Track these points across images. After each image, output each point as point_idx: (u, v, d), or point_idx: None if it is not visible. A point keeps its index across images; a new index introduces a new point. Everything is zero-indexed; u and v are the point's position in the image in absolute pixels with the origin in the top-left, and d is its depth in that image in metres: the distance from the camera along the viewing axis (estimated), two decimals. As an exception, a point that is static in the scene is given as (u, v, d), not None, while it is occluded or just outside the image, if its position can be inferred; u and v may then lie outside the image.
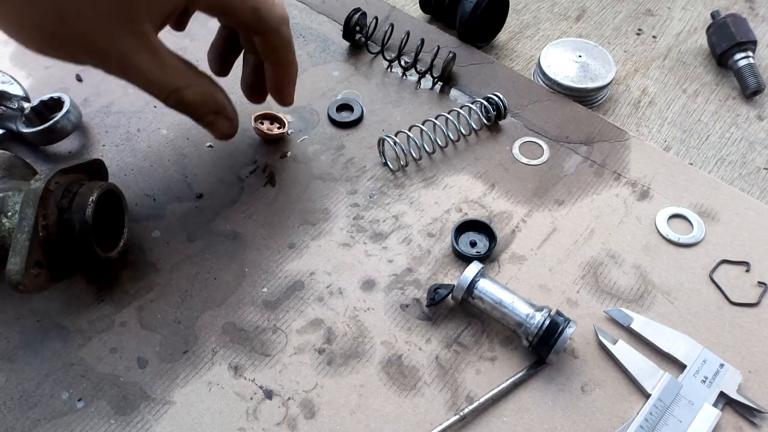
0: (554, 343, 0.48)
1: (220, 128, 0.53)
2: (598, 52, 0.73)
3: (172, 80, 0.47)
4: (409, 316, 0.54)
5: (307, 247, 0.58)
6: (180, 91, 0.47)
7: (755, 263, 0.57)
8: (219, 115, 0.52)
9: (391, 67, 0.74)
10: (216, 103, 0.51)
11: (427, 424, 0.48)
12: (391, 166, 0.64)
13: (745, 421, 0.48)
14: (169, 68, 0.47)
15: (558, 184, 0.63)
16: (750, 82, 0.72)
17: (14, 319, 0.52)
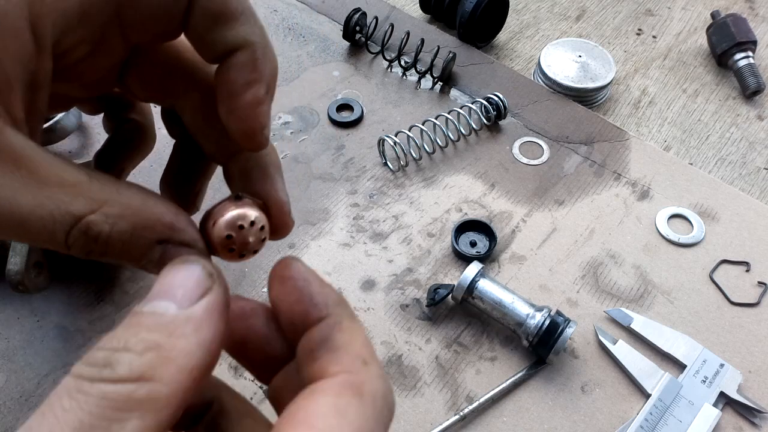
0: (554, 343, 0.48)
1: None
2: (598, 52, 0.73)
3: (63, 205, 0.24)
4: (409, 316, 0.54)
5: (307, 247, 0.58)
6: (85, 219, 0.24)
7: (755, 263, 0.57)
8: (170, 245, 0.26)
9: (391, 67, 0.74)
10: (159, 225, 0.26)
11: (427, 424, 0.48)
12: (391, 166, 0.64)
13: (745, 421, 0.48)
14: (52, 185, 0.24)
15: (558, 184, 0.63)
16: (750, 82, 0.72)
17: (14, 319, 0.52)
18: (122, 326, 0.21)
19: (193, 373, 0.21)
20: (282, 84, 0.71)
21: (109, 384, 0.19)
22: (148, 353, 0.20)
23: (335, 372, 0.21)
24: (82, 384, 0.19)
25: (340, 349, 0.22)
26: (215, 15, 0.26)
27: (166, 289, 0.22)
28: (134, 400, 0.19)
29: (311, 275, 0.25)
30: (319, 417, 0.20)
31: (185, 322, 0.21)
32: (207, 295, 0.22)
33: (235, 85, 0.27)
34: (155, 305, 0.22)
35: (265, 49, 0.27)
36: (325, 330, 0.23)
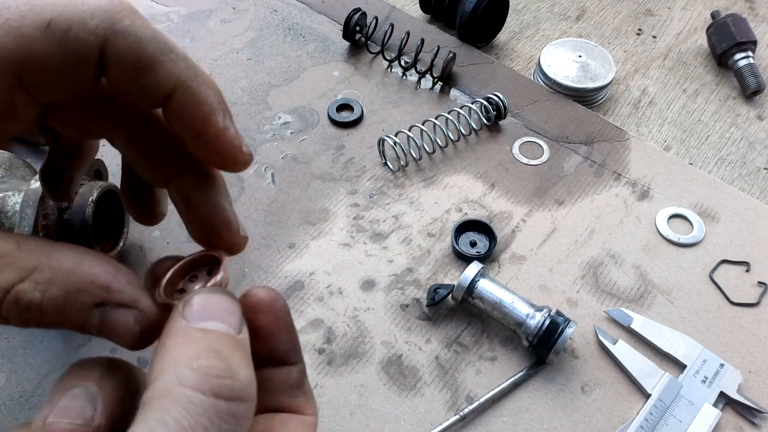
0: (554, 343, 0.48)
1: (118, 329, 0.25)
2: (598, 52, 0.73)
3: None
4: (409, 316, 0.54)
5: (307, 247, 0.58)
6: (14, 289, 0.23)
7: (755, 263, 0.57)
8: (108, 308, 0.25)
9: (391, 67, 0.74)
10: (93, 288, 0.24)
11: (427, 424, 0.48)
12: (391, 166, 0.64)
13: (745, 421, 0.48)
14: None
15: (558, 184, 0.63)
16: (750, 82, 0.72)
17: (14, 319, 0.52)
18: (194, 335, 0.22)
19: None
20: (282, 84, 0.71)
21: (241, 405, 0.21)
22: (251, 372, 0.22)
23: (311, 413, 0.29)
24: (219, 406, 0.20)
25: (310, 397, 0.29)
26: (133, 66, 0.24)
27: (217, 311, 0.24)
28: (249, 418, 0.21)
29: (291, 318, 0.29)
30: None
31: (245, 346, 0.23)
32: (244, 325, 0.24)
33: (193, 128, 0.26)
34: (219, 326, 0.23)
35: (198, 78, 0.26)
36: (299, 375, 0.29)
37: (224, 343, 0.22)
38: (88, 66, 0.24)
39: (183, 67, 0.25)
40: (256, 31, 0.77)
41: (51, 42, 0.23)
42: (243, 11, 0.79)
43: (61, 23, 0.23)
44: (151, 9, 0.79)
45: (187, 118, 0.25)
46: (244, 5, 0.80)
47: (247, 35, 0.77)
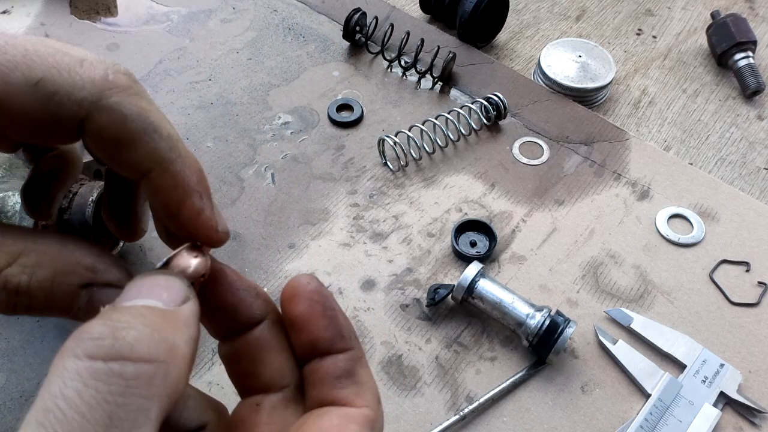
0: (554, 343, 0.48)
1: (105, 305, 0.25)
2: (598, 52, 0.73)
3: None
4: (409, 316, 0.54)
5: (307, 247, 0.58)
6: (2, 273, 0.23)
7: (755, 263, 0.57)
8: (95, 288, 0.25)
9: (391, 67, 0.74)
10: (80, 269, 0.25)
11: (427, 424, 0.48)
12: (391, 166, 0.64)
13: (745, 421, 0.48)
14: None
15: (558, 184, 0.63)
16: (750, 82, 0.72)
17: (14, 319, 0.52)
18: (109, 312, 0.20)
19: (190, 363, 0.21)
20: (282, 84, 0.71)
21: (128, 363, 0.18)
22: (156, 334, 0.19)
23: (361, 405, 0.26)
24: (95, 366, 0.18)
25: (363, 385, 0.26)
26: (113, 141, 0.24)
27: (148, 291, 0.22)
28: (155, 384, 0.18)
29: (335, 302, 0.27)
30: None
31: (177, 316, 0.21)
32: (188, 301, 0.22)
33: (168, 208, 0.25)
34: (141, 301, 0.21)
35: (178, 160, 0.25)
36: (351, 363, 0.26)
37: (127, 312, 0.20)
38: (66, 131, 0.24)
39: (164, 147, 0.25)
40: (256, 31, 0.77)
41: (35, 100, 0.22)
42: (243, 11, 0.79)
43: (48, 85, 0.22)
44: (151, 9, 0.79)
45: (162, 197, 0.25)
46: (244, 5, 0.80)
47: (247, 35, 0.77)
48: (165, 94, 0.69)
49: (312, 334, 0.26)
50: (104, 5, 0.77)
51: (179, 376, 0.19)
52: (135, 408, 0.18)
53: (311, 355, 0.27)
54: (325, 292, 0.27)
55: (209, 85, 0.71)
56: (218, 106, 0.69)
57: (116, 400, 0.17)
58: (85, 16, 0.77)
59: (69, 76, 0.23)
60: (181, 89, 0.70)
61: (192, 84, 0.71)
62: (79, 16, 0.77)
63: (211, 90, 0.70)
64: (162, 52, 0.74)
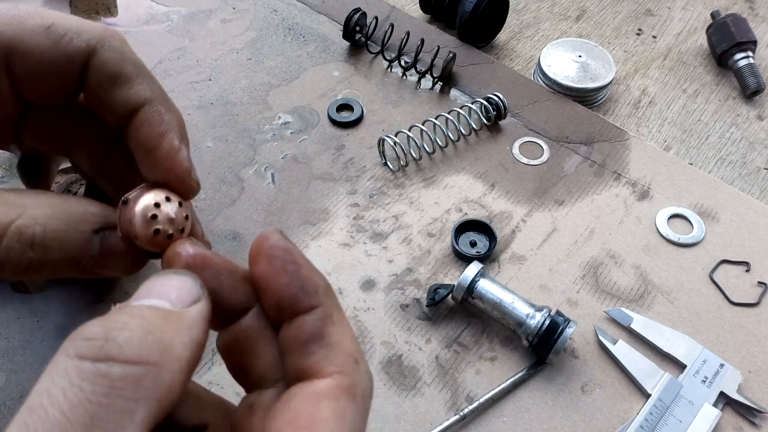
0: (554, 343, 0.48)
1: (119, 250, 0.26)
2: (598, 52, 0.73)
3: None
4: (409, 316, 0.54)
5: (307, 247, 0.58)
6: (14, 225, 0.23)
7: (755, 263, 0.57)
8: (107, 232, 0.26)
9: (391, 67, 0.74)
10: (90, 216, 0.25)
11: (427, 424, 0.48)
12: (391, 166, 0.64)
13: (745, 421, 0.48)
14: None
15: (558, 184, 0.63)
16: (750, 82, 0.72)
17: (14, 319, 0.52)
18: (111, 312, 0.20)
19: (189, 366, 0.20)
20: (282, 84, 0.71)
21: (115, 365, 0.18)
22: (150, 336, 0.19)
23: (331, 372, 0.22)
24: (83, 366, 0.18)
25: (333, 347, 0.23)
26: (112, 77, 0.27)
27: (158, 290, 0.22)
28: (141, 387, 0.18)
29: (299, 256, 0.24)
30: (321, 423, 0.21)
31: (181, 318, 0.21)
32: (198, 302, 0.22)
33: (149, 141, 0.27)
34: (148, 301, 0.21)
35: (166, 102, 0.28)
36: (318, 323, 0.23)
37: (128, 312, 0.20)
38: (73, 69, 0.27)
39: (156, 89, 0.28)
40: (256, 31, 0.77)
41: (47, 41, 0.26)
42: (243, 11, 0.79)
43: (59, 28, 0.26)
44: (151, 9, 0.79)
45: (145, 131, 0.27)
46: (244, 5, 0.80)
47: (247, 35, 0.77)
48: (165, 94, 0.69)
49: (275, 295, 0.24)
50: (104, 5, 0.77)
51: (173, 380, 0.19)
52: (118, 410, 0.17)
53: (280, 319, 0.24)
54: (288, 245, 0.24)
55: (209, 85, 0.71)
56: (218, 106, 0.69)
57: (99, 401, 0.17)
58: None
59: (77, 22, 0.26)
60: (181, 89, 0.70)
61: (192, 84, 0.71)
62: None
63: (211, 90, 0.70)
64: (162, 52, 0.74)
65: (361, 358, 0.24)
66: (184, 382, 0.20)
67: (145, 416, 0.18)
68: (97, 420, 0.17)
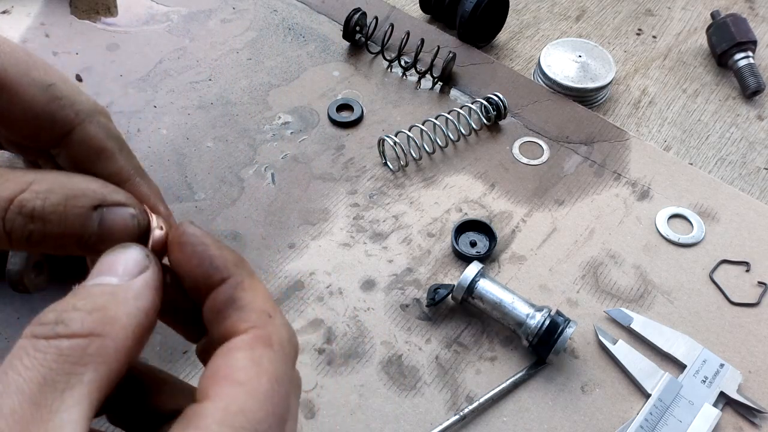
0: (554, 343, 0.48)
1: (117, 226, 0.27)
2: (598, 52, 0.73)
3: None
4: (409, 316, 0.54)
5: (307, 247, 0.58)
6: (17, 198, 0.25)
7: (755, 263, 0.57)
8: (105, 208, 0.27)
9: (391, 67, 0.74)
10: (89, 191, 0.26)
11: (427, 424, 0.48)
12: (391, 166, 0.64)
13: (745, 421, 0.48)
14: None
15: (558, 184, 0.63)
16: (750, 82, 0.72)
17: (14, 319, 0.52)
18: (68, 296, 0.23)
19: (135, 332, 0.23)
20: (282, 84, 0.71)
21: (63, 340, 0.21)
22: (95, 313, 0.22)
23: (245, 328, 0.25)
24: (38, 343, 0.21)
25: (245, 307, 0.25)
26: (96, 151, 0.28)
27: (107, 267, 0.25)
28: (88, 354, 0.21)
29: (208, 238, 0.27)
30: (238, 370, 0.23)
31: (126, 290, 0.24)
32: (145, 271, 0.25)
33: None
34: (98, 280, 0.24)
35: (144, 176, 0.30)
36: (229, 290, 0.26)
37: (79, 295, 0.23)
38: (54, 132, 0.28)
39: (135, 164, 0.30)
40: (256, 31, 0.77)
41: (42, 97, 0.27)
42: (243, 11, 0.79)
43: (57, 91, 0.27)
44: (151, 9, 0.79)
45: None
46: (244, 5, 0.80)
47: (247, 35, 0.77)
48: (165, 94, 0.69)
49: (191, 276, 0.26)
50: (104, 5, 0.77)
51: (118, 346, 0.22)
52: (67, 372, 0.21)
53: (201, 299, 0.26)
54: (196, 231, 0.27)
55: (209, 85, 0.71)
56: (218, 106, 0.69)
57: (50, 365, 0.21)
58: (85, 16, 0.77)
59: (73, 91, 0.28)
60: (181, 89, 0.70)
61: (192, 84, 0.71)
62: (79, 16, 0.77)
63: (211, 90, 0.70)
64: (162, 52, 0.74)
65: (275, 313, 0.26)
66: (133, 347, 0.23)
67: (94, 377, 0.21)
68: (49, 379, 0.21)
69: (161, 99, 0.69)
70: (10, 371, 0.21)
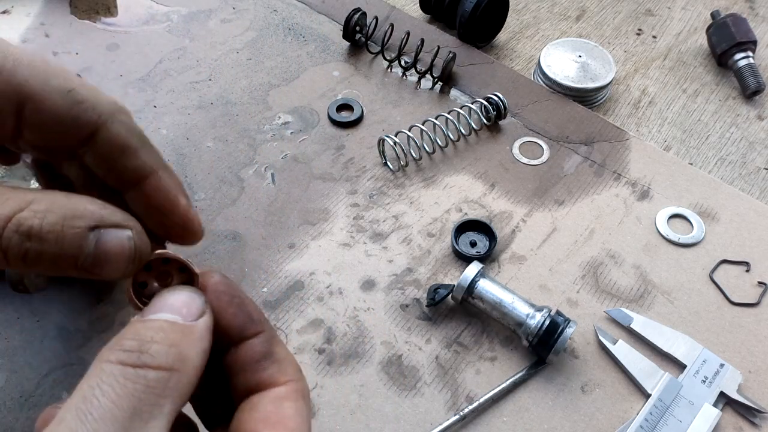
0: (554, 343, 0.48)
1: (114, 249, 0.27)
2: (598, 52, 0.73)
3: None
4: (409, 316, 0.54)
5: (307, 247, 0.58)
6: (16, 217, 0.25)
7: (755, 263, 0.57)
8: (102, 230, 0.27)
9: (391, 67, 0.74)
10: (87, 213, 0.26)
11: (427, 424, 0.48)
12: (391, 166, 0.64)
13: (745, 421, 0.48)
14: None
15: (558, 184, 0.63)
16: (750, 82, 0.72)
17: (14, 319, 0.52)
18: (135, 326, 0.25)
19: (199, 372, 0.25)
20: (282, 84, 0.71)
21: (150, 371, 0.23)
22: (173, 348, 0.24)
23: (286, 380, 0.28)
24: (126, 371, 0.23)
25: (283, 361, 0.28)
26: (121, 149, 0.29)
27: (170, 305, 0.26)
28: (168, 387, 0.23)
29: (242, 292, 0.29)
30: (289, 419, 0.26)
31: (194, 331, 0.26)
32: (204, 315, 0.27)
33: (164, 206, 0.30)
34: (162, 315, 0.26)
35: (167, 168, 0.31)
36: (266, 344, 0.28)
37: (152, 326, 0.25)
38: (79, 134, 0.28)
39: (158, 158, 0.30)
40: (256, 31, 0.77)
41: (64, 102, 0.28)
42: (243, 11, 0.79)
43: (78, 95, 0.28)
44: (151, 9, 0.79)
45: (159, 198, 0.30)
46: (244, 5, 0.80)
47: (247, 35, 0.77)
48: (165, 94, 0.69)
49: (223, 324, 0.28)
50: (104, 5, 0.77)
51: (189, 381, 0.24)
52: (152, 402, 0.23)
53: (226, 345, 0.28)
54: (229, 281, 0.29)
55: (209, 85, 0.71)
56: (218, 106, 0.69)
57: (139, 396, 0.23)
58: (85, 16, 0.77)
59: (94, 93, 0.29)
60: (181, 89, 0.70)
61: (192, 84, 0.71)
62: (79, 16, 0.77)
63: (211, 90, 0.70)
64: (162, 52, 0.74)
65: (300, 367, 0.29)
66: (196, 383, 0.25)
67: (170, 408, 0.23)
68: (137, 409, 0.22)
69: (161, 99, 0.69)
70: (101, 397, 0.22)
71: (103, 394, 0.22)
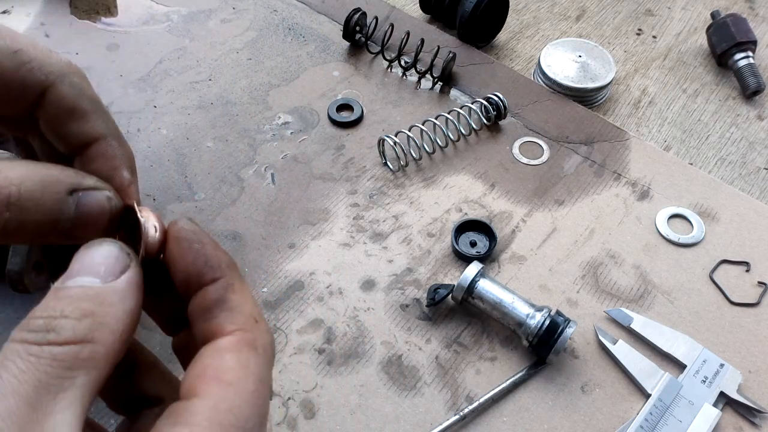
0: (554, 343, 0.48)
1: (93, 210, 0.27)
2: (598, 52, 0.73)
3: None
4: (409, 316, 0.54)
5: (307, 247, 0.58)
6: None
7: (755, 263, 0.57)
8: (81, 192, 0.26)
9: (391, 67, 0.74)
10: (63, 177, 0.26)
11: (427, 424, 0.48)
12: (391, 166, 0.64)
13: (745, 421, 0.48)
14: None
15: (558, 184, 0.63)
16: (750, 82, 0.72)
17: (14, 319, 0.52)
18: (50, 299, 0.24)
19: (122, 336, 0.24)
20: (282, 84, 0.71)
21: (56, 346, 0.22)
22: (85, 319, 0.23)
23: (233, 330, 0.25)
24: (31, 348, 0.22)
25: (234, 309, 0.26)
26: (68, 111, 0.28)
27: (88, 266, 0.25)
28: (80, 359, 0.22)
29: (205, 237, 0.27)
30: (227, 371, 0.24)
31: (112, 293, 0.24)
32: (127, 270, 0.25)
33: (100, 175, 0.28)
34: (79, 280, 0.24)
35: (119, 138, 0.29)
36: (220, 290, 0.26)
37: (65, 296, 0.24)
38: (27, 96, 0.27)
39: (110, 125, 0.29)
40: (256, 31, 0.77)
41: (10, 63, 0.27)
42: (243, 11, 0.79)
43: (25, 56, 0.27)
44: (151, 9, 0.79)
45: (98, 165, 0.28)
46: (244, 5, 0.80)
47: (247, 35, 0.77)
48: (165, 94, 0.69)
49: (182, 271, 0.26)
50: (104, 5, 0.77)
51: (108, 350, 0.23)
52: (60, 375, 0.22)
53: (189, 294, 0.27)
54: (194, 228, 0.27)
55: (209, 85, 0.71)
56: (218, 106, 0.69)
57: (44, 369, 0.21)
58: (85, 16, 0.77)
59: (42, 53, 0.28)
60: (181, 89, 0.70)
61: (192, 84, 0.71)
62: (79, 16, 0.77)
63: (211, 90, 0.70)
64: (162, 52, 0.74)
65: (261, 318, 0.27)
66: (121, 348, 0.24)
67: (85, 380, 0.22)
68: (44, 383, 0.21)
69: (161, 99, 0.69)
70: (4, 373, 0.21)
71: (7, 371, 0.21)
